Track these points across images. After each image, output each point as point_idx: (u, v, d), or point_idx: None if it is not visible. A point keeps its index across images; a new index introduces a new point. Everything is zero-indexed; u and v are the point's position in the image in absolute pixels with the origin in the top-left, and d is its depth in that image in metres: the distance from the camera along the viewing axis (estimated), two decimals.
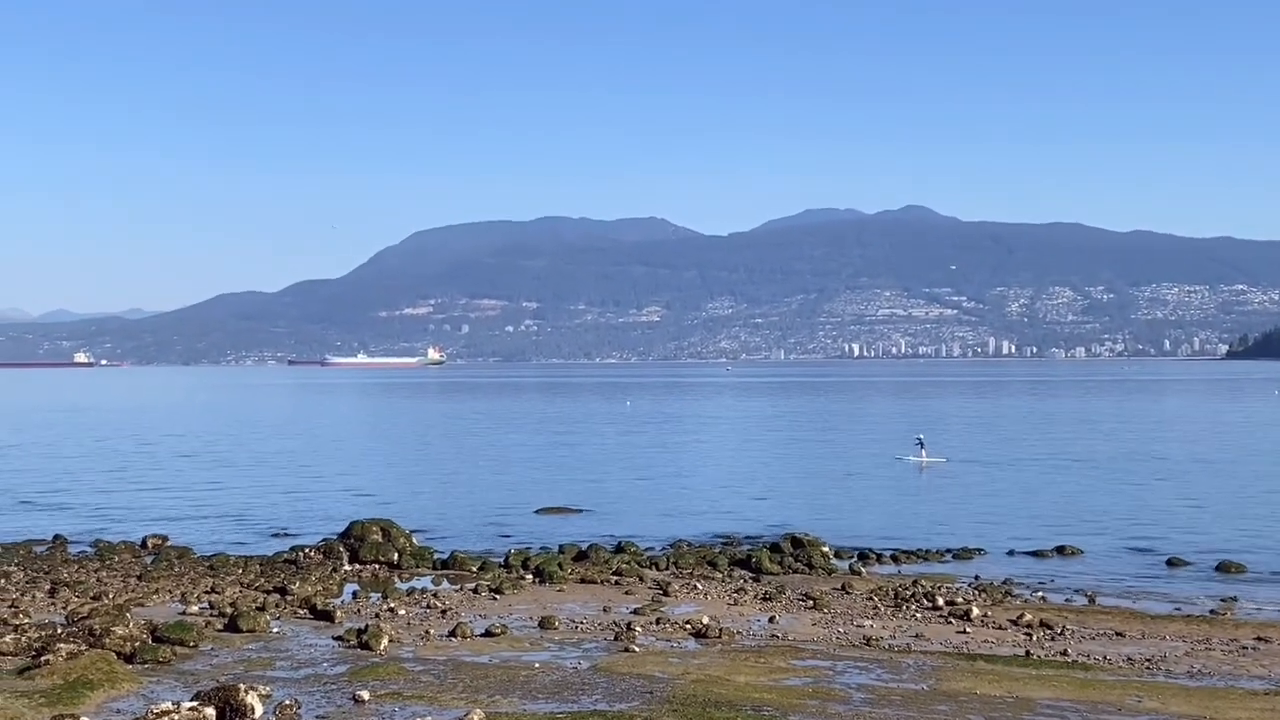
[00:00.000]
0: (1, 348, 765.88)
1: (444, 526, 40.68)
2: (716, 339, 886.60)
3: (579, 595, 28.43)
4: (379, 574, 32.14)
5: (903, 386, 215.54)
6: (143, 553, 35.46)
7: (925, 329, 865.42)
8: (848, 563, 33.32)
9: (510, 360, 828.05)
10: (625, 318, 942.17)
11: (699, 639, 23.22)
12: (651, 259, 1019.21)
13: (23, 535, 38.81)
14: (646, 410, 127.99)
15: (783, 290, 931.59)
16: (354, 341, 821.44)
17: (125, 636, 21.29)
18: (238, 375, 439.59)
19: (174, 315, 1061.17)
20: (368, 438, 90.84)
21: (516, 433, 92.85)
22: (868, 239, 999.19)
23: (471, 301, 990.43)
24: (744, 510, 44.87)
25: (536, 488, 52.35)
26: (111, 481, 56.84)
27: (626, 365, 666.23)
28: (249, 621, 23.69)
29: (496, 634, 23.34)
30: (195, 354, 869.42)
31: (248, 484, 55.36)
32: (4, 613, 25.02)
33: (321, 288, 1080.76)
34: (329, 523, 39.91)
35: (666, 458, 68.59)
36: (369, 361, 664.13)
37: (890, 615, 25.89)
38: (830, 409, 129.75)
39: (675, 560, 33.07)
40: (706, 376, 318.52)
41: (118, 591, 28.38)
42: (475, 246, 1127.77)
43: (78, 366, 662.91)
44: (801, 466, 63.43)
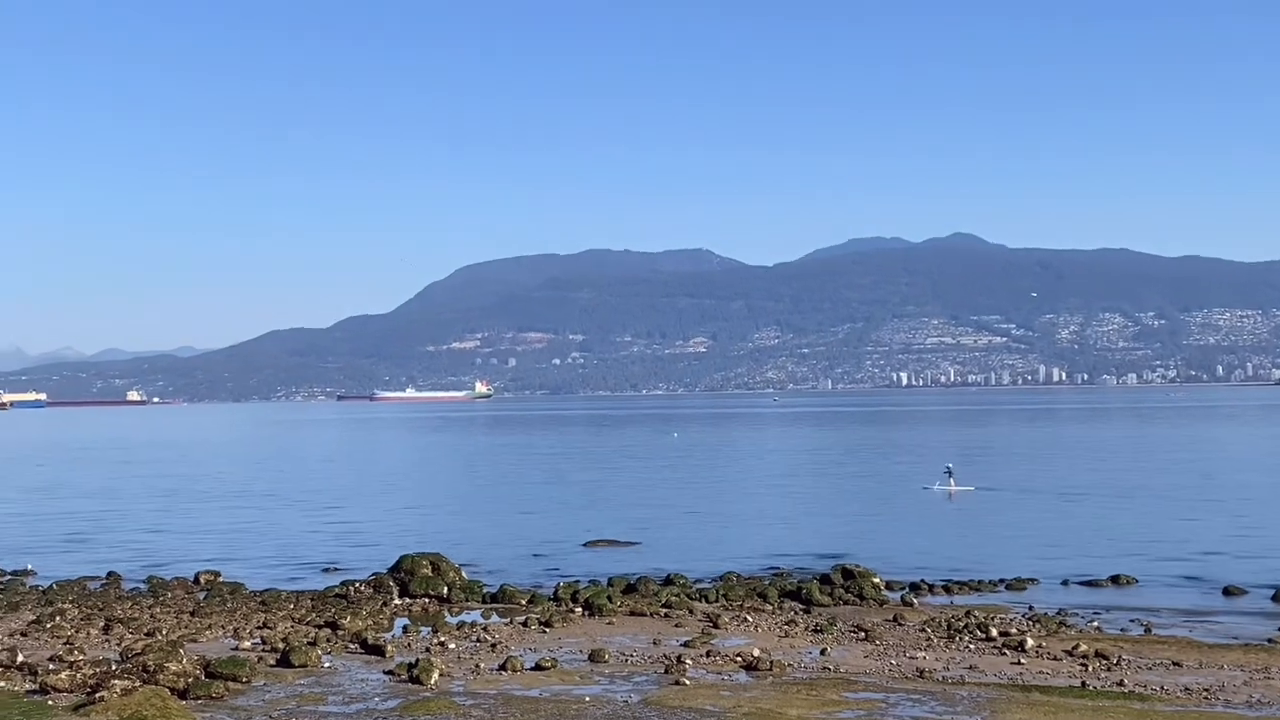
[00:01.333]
0: (56, 386, 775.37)
1: (493, 560, 40.71)
2: (763, 369, 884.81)
3: (628, 628, 28.35)
4: (429, 608, 32.20)
5: (951, 415, 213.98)
6: (195, 588, 35.73)
7: (974, 357, 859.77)
8: (899, 594, 33.02)
9: (557, 393, 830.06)
10: (671, 349, 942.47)
11: (750, 671, 23.08)
12: (697, 290, 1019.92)
13: (77, 572, 39.17)
14: (693, 441, 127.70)
15: (829, 320, 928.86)
16: (402, 376, 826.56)
17: (179, 673, 21.45)
18: (288, 411, 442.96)
19: (225, 352, 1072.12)
20: (416, 472, 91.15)
21: (564, 465, 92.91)
22: (915, 267, 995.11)
23: (518, 335, 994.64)
24: (793, 541, 44.58)
25: (584, 520, 52.30)
26: (164, 517, 57.34)
27: (673, 396, 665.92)
28: (301, 656, 23.80)
29: (546, 667, 23.32)
30: (246, 390, 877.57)
31: (298, 519, 55.69)
32: (59, 650, 25.28)
33: (370, 323, 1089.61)
34: (379, 557, 40.02)
35: (714, 489, 68.37)
36: (417, 396, 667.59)
37: (943, 646, 25.62)
38: (877, 439, 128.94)
39: (725, 592, 32.91)
40: (753, 407, 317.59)
41: (171, 627, 28.58)
42: (521, 280, 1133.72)
43: (131, 404, 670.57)
44: (848, 497, 63.01)
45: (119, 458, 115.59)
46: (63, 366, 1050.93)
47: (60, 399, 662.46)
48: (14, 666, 23.12)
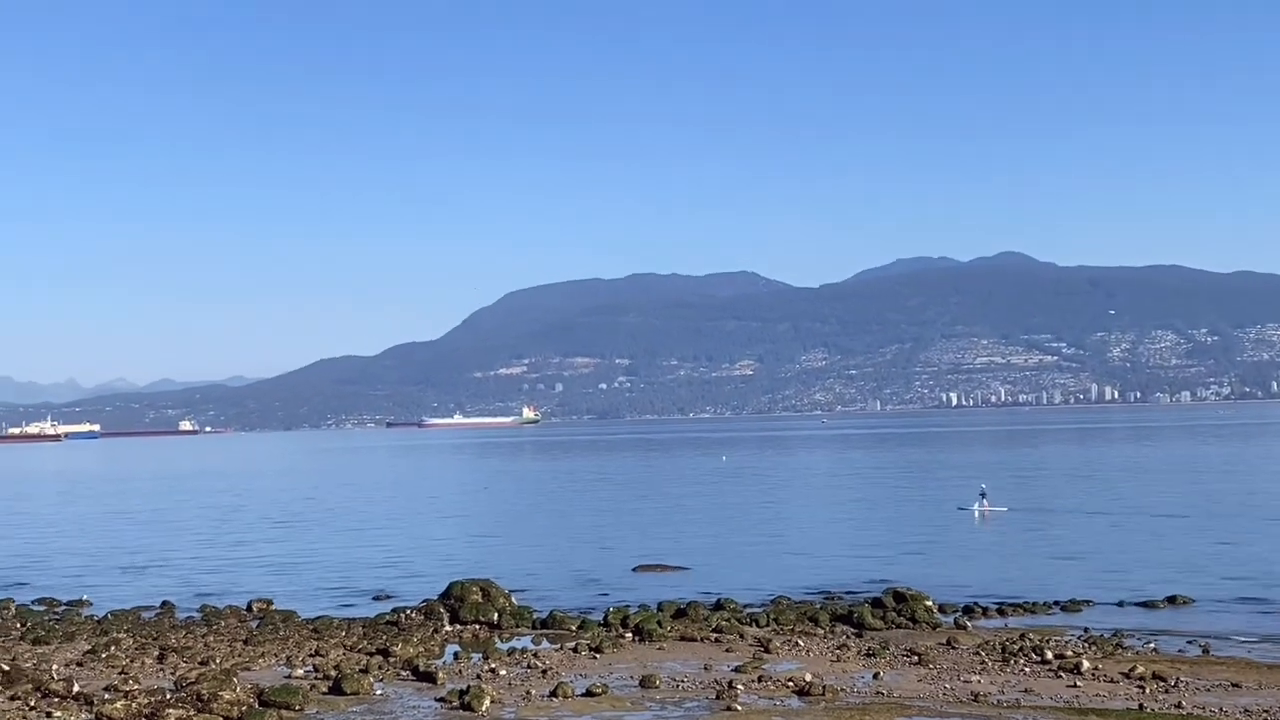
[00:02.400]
0: (110, 417, 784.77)
1: (542, 585, 40.74)
2: (811, 391, 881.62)
3: (679, 653, 28.26)
4: (479, 634, 32.25)
5: (1000, 436, 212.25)
6: (248, 617, 35.96)
7: (1025, 376, 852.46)
8: (952, 617, 32.74)
9: (604, 417, 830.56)
10: (718, 372, 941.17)
11: (802, 697, 22.95)
12: (743, 313, 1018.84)
13: (132, 601, 39.56)
14: (742, 465, 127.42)
15: (877, 341, 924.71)
16: (450, 402, 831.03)
17: (232, 701, 21.60)
18: (338, 439, 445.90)
19: (275, 381, 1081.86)
20: (465, 498, 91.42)
21: (612, 490, 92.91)
22: (963, 286, 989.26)
23: (565, 360, 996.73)
24: (843, 565, 44.35)
25: (634, 545, 52.27)
26: (217, 546, 57.83)
27: (721, 420, 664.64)
28: (353, 684, 23.90)
29: (597, 694, 23.28)
30: (296, 419, 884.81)
31: (349, 546, 56.00)
32: (114, 679, 25.49)
33: (418, 350, 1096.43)
34: (429, 583, 40.15)
35: (764, 512, 68.11)
36: (465, 422, 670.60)
37: (998, 670, 25.36)
38: (924, 460, 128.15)
39: (775, 616, 32.75)
40: (802, 429, 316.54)
41: (224, 656, 28.77)
42: (567, 305, 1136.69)
43: (183, 434, 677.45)
44: (890, 519, 62.56)
45: (172, 488, 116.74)
46: (116, 398, 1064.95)
47: (114, 429, 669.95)
48: (70, 696, 23.35)
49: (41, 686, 23.83)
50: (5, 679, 24.62)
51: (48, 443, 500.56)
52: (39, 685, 23.91)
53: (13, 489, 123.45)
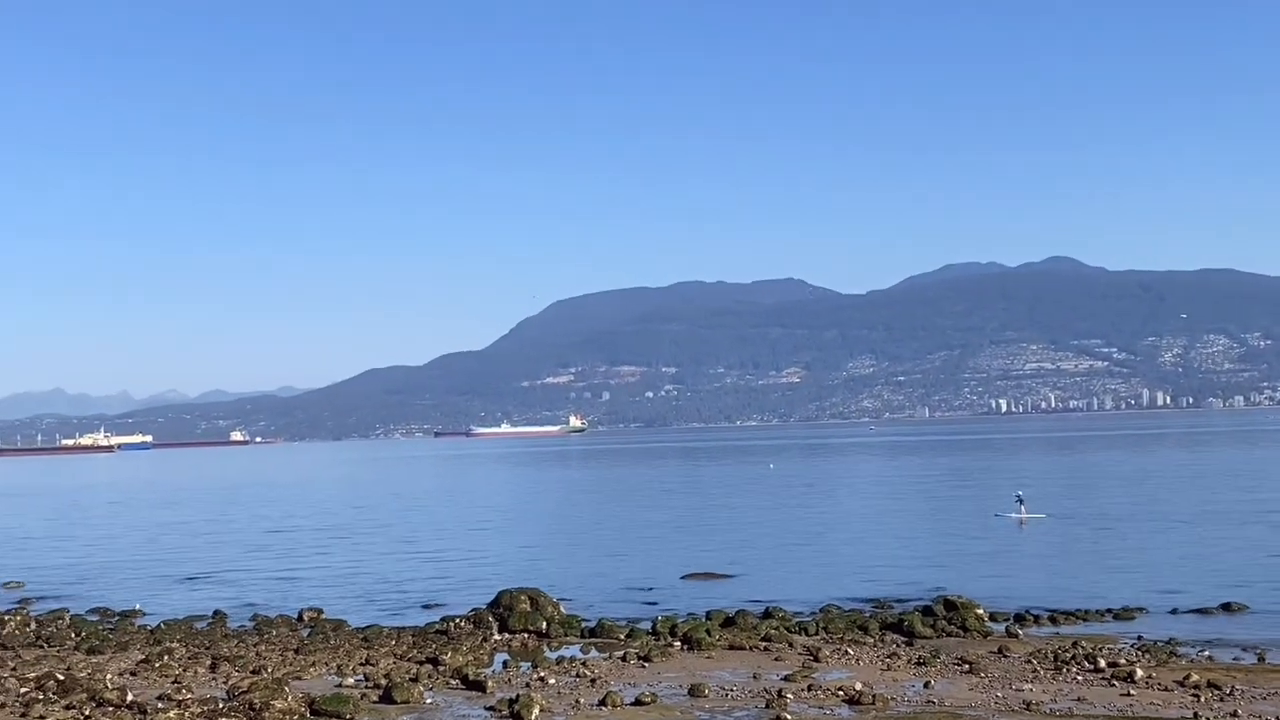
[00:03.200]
0: (162, 428, 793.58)
1: (590, 594, 40.76)
2: (859, 398, 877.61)
3: (728, 662, 28.18)
4: (528, 643, 32.30)
5: (1051, 443, 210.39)
6: (299, 626, 36.21)
7: (1075, 382, 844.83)
8: (1004, 625, 32.45)
9: (651, 425, 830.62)
10: (765, 380, 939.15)
11: (852, 706, 22.82)
12: (789, 320, 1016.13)
13: (184, 611, 39.94)
14: (789, 472, 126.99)
15: (925, 347, 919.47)
16: (498, 411, 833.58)
17: (284, 710, 21.75)
18: (386, 448, 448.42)
19: (324, 391, 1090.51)
20: (513, 506, 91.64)
21: (659, 498, 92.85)
22: (1012, 292, 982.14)
23: (611, 368, 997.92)
24: (891, 572, 44.06)
25: (681, 553, 52.19)
26: (268, 556, 58.26)
27: (768, 427, 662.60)
28: (403, 693, 24.00)
29: (646, 702, 23.26)
30: (345, 429, 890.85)
31: (398, 555, 56.26)
32: (167, 689, 25.71)
33: (465, 360, 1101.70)
34: (477, 592, 40.27)
35: (812, 520, 67.82)
36: (513, 431, 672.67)
37: (1050, 678, 25.11)
38: (974, 467, 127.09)
39: (825, 625, 32.60)
40: (850, 437, 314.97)
41: (276, 665, 28.97)
42: (613, 314, 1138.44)
43: (234, 444, 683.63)
44: (933, 526, 62.08)
45: (223, 498, 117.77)
46: (168, 409, 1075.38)
47: (166, 440, 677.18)
48: (124, 705, 23.58)
49: (96, 696, 24.08)
50: (60, 688, 24.91)
51: (101, 454, 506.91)
52: (94, 695, 24.16)
53: (67, 500, 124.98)
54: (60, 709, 23.36)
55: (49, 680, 25.62)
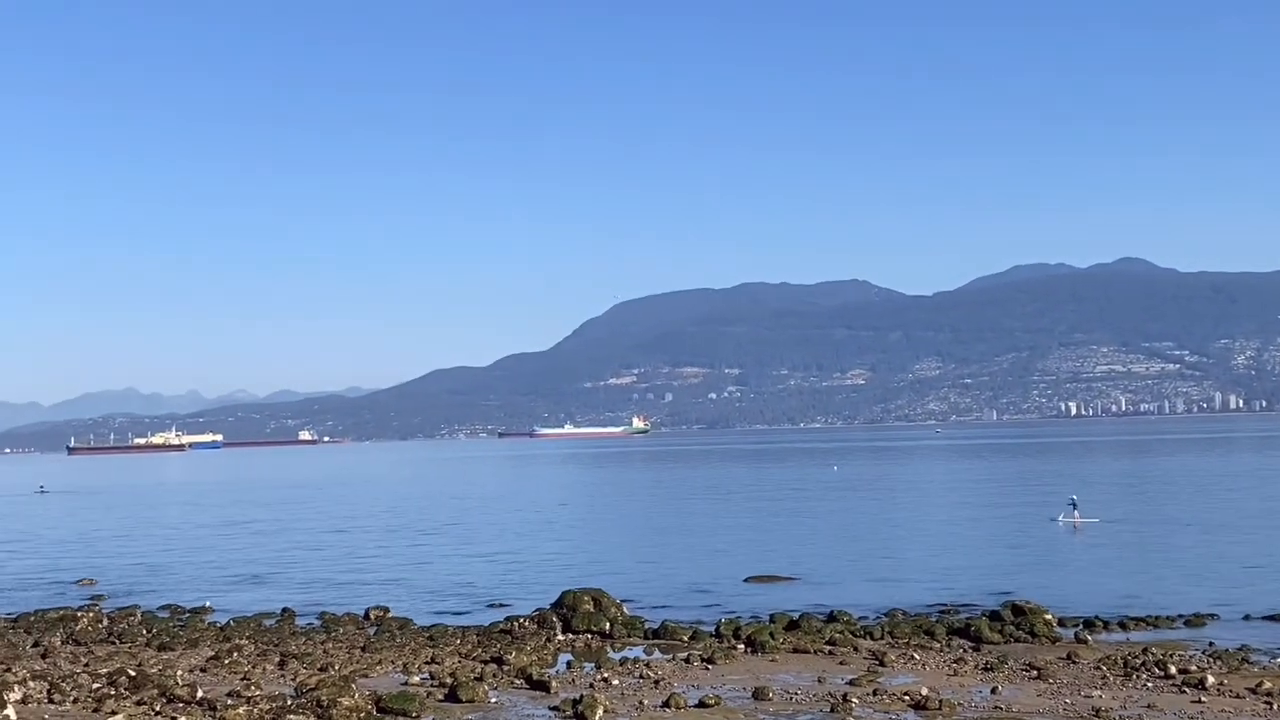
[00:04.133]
0: (232, 428, 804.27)
1: (654, 595, 40.72)
2: (924, 401, 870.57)
3: (792, 665, 28.04)
4: (591, 643, 32.33)
5: (1120, 446, 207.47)
6: (366, 624, 36.49)
7: (1146, 385, 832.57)
8: (1072, 630, 32.01)
9: (714, 427, 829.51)
10: (829, 381, 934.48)
11: (918, 711, 22.63)
12: (854, 322, 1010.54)
13: (253, 608, 40.42)
14: (854, 475, 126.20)
15: (992, 349, 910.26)
16: (561, 412, 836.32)
17: (351, 708, 21.91)
18: (451, 448, 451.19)
19: (390, 392, 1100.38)
20: (576, 507, 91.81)
21: (723, 500, 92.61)
22: (1081, 293, 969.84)
23: (674, 370, 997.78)
24: (956, 576, 43.61)
25: (745, 555, 52.03)
26: (335, 554, 58.78)
27: (832, 430, 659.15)
28: (468, 692, 24.11)
29: (710, 705, 23.20)
30: (411, 429, 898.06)
31: (463, 554, 56.54)
32: (237, 685, 26.02)
33: (529, 361, 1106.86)
34: (541, 592, 40.37)
35: (877, 523, 67.34)
36: (576, 432, 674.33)
37: (1119, 685, 24.74)
38: (1039, 471, 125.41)
39: (890, 629, 32.34)
40: (915, 440, 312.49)
41: (343, 663, 29.21)
42: (676, 315, 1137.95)
43: (302, 444, 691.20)
44: (1000, 531, 61.27)
45: (291, 496, 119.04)
46: (238, 408, 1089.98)
47: (236, 440, 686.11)
48: (194, 701, 23.87)
49: (167, 692, 24.39)
50: (132, 684, 25.28)
51: (172, 453, 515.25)
52: (164, 691, 24.48)
53: (139, 498, 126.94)
54: (131, 704, 23.69)
55: (121, 676, 26.00)
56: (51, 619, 37.19)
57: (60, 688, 25.32)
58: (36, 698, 24.79)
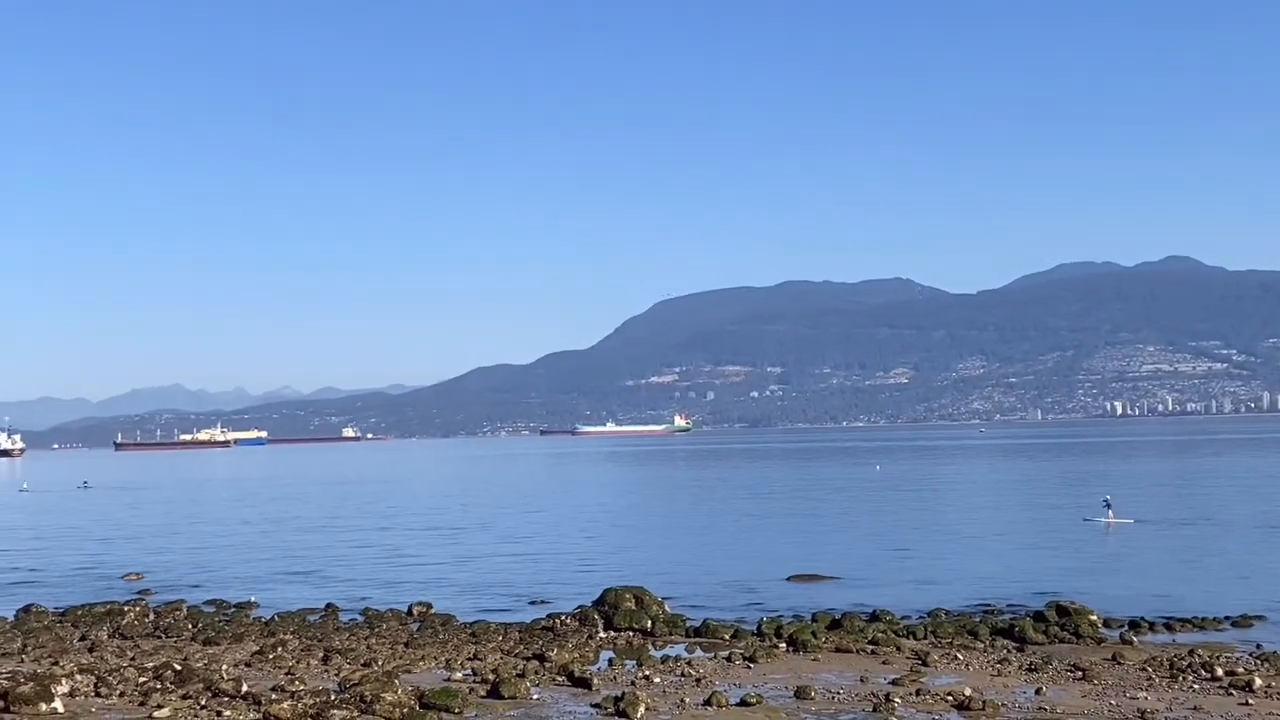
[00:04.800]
0: (276, 424, 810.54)
1: (695, 594, 40.67)
2: (968, 400, 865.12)
3: (834, 664, 27.95)
4: (633, 641, 32.36)
5: (1167, 446, 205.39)
6: (409, 620, 36.66)
7: (1193, 384, 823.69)
8: (1118, 631, 31.73)
9: (756, 425, 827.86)
10: (872, 380, 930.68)
11: (962, 711, 22.51)
12: (897, 320, 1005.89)
13: (297, 604, 40.69)
14: (897, 474, 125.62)
15: (1037, 348, 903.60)
16: (602, 410, 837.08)
17: (394, 703, 22.03)
18: (493, 446, 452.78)
19: (432, 389, 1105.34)
20: (618, 505, 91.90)
21: (765, 498, 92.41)
22: (1127, 292, 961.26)
23: (716, 368, 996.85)
24: (1001, 576, 43.29)
25: (786, 554, 51.87)
26: (378, 550, 59.08)
27: (874, 429, 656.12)
28: (510, 688, 24.18)
29: (752, 704, 23.16)
30: (453, 426, 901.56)
31: (505, 551, 56.70)
32: (281, 679, 26.22)
33: (570, 359, 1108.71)
34: (583, 590, 40.45)
35: (919, 523, 66.94)
36: (617, 430, 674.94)
37: (1165, 686, 24.51)
38: (1087, 471, 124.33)
39: (933, 629, 32.17)
40: (959, 439, 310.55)
41: (386, 658, 29.37)
42: (718, 313, 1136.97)
43: (345, 440, 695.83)
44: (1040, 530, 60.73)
45: (335, 493, 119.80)
46: (282, 405, 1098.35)
47: (280, 436, 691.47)
48: (239, 696, 24.07)
49: (212, 686, 24.61)
50: (178, 678, 25.52)
51: (218, 449, 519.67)
52: (209, 685, 24.70)
53: (186, 494, 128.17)
54: (177, 698, 23.92)
55: (166, 670, 26.26)
56: (98, 613, 37.60)
57: (107, 681, 25.61)
58: (84, 691, 25.09)
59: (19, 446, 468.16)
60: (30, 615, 38.36)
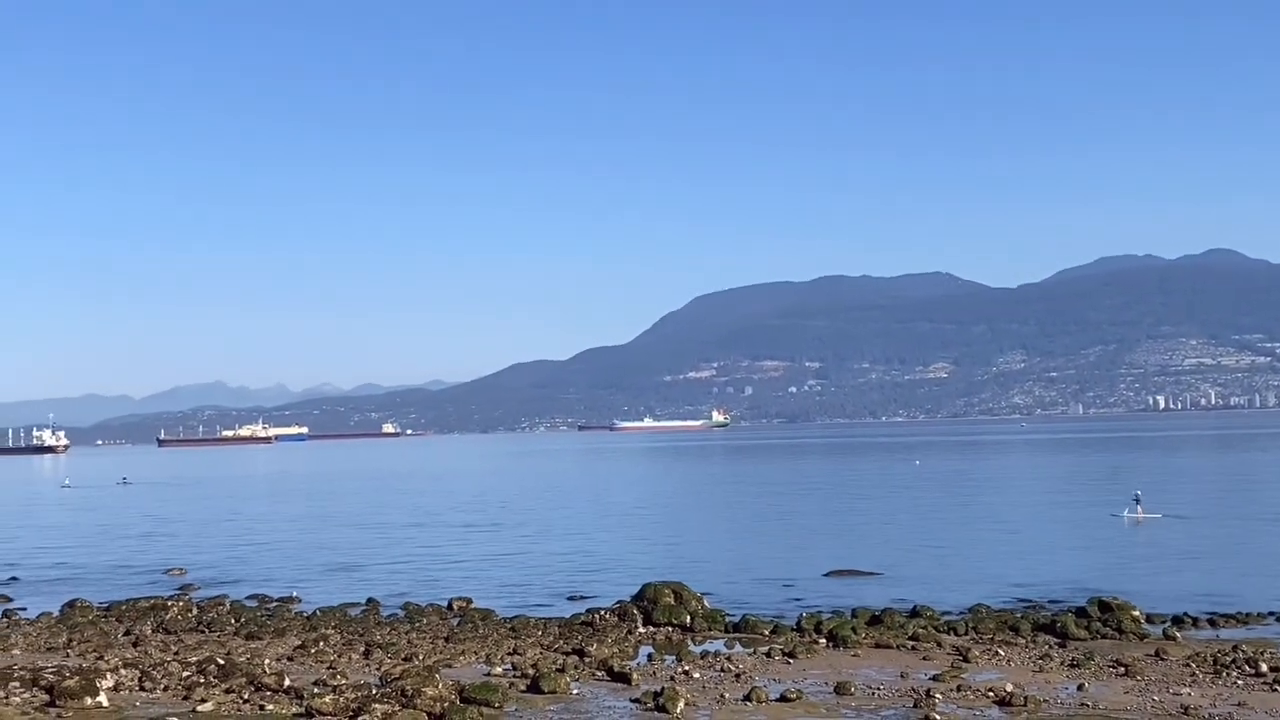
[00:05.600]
0: (317, 420, 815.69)
1: (734, 589, 40.62)
2: (1009, 394, 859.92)
3: (874, 660, 27.86)
4: (672, 636, 32.36)
5: (1211, 441, 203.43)
6: (449, 615, 36.80)
7: (1236, 378, 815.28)
8: (1161, 627, 31.47)
9: (794, 421, 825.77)
10: (911, 375, 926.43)
11: (1003, 707, 22.38)
12: (936, 314, 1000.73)
13: (339, 598, 40.91)
14: (937, 469, 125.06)
15: (1078, 342, 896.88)
16: (640, 406, 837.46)
17: (435, 697, 22.11)
18: (532, 441, 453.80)
19: (471, 385, 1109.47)
20: (656, 500, 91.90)
21: (803, 494, 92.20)
22: (1169, 286, 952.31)
23: (754, 363, 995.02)
24: (1042, 572, 43.00)
25: (826, 550, 51.71)
26: (419, 546, 59.32)
27: (914, 424, 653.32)
28: (550, 683, 24.24)
29: (792, 699, 23.12)
30: (492, 422, 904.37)
31: (544, 547, 56.81)
32: (323, 674, 26.37)
33: (608, 354, 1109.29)
34: (622, 585, 40.47)
35: (959, 518, 66.62)
36: (655, 425, 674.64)
37: (1209, 683, 24.28)
38: (1130, 465, 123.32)
39: (974, 625, 32.01)
40: (999, 434, 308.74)
41: (427, 653, 29.51)
42: (756, 309, 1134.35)
43: (385, 436, 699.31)
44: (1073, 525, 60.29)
45: (376, 488, 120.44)
46: (323, 401, 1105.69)
47: (321, 432, 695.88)
48: (281, 690, 24.25)
49: (254, 680, 24.79)
50: (220, 672, 25.71)
51: (259, 444, 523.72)
52: (252, 679, 24.88)
53: (227, 489, 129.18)
54: (220, 692, 24.11)
55: (209, 664, 26.47)
56: (143, 608, 37.94)
57: (151, 675, 25.84)
58: (128, 685, 25.33)
59: (63, 443, 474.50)
60: (75, 610, 38.78)
